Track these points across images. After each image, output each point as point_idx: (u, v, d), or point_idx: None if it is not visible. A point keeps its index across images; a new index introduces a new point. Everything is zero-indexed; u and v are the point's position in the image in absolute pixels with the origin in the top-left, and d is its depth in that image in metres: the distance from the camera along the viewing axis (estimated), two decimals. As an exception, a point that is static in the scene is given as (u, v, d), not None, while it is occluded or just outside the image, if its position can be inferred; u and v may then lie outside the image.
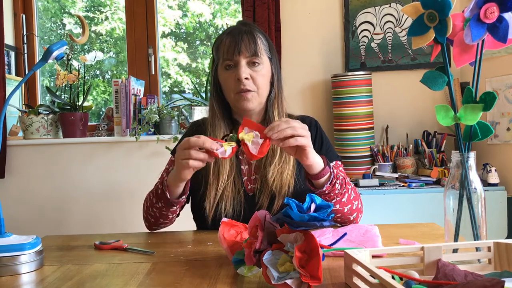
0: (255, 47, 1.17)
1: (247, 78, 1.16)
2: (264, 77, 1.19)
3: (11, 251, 0.86)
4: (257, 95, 1.18)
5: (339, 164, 1.26)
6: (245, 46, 1.16)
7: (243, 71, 1.15)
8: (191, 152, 0.96)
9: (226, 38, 1.19)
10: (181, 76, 2.87)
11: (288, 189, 1.15)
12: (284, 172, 1.16)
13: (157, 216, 1.17)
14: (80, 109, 2.41)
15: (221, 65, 1.20)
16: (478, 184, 0.80)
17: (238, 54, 1.16)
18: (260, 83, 1.18)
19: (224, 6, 2.84)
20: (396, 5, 2.44)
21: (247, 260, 0.75)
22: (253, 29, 1.21)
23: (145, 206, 1.20)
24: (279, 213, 0.72)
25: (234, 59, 1.16)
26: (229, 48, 1.17)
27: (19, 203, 2.36)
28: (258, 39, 1.19)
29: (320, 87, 2.50)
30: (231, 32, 1.19)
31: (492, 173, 2.03)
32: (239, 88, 1.16)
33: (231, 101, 1.21)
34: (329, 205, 0.72)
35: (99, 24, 2.83)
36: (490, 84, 2.17)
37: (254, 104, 1.19)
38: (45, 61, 0.93)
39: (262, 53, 1.18)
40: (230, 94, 1.19)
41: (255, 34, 1.19)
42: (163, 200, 1.12)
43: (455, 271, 0.66)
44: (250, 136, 0.94)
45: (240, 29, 1.19)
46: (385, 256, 0.83)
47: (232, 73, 1.17)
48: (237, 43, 1.16)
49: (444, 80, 0.81)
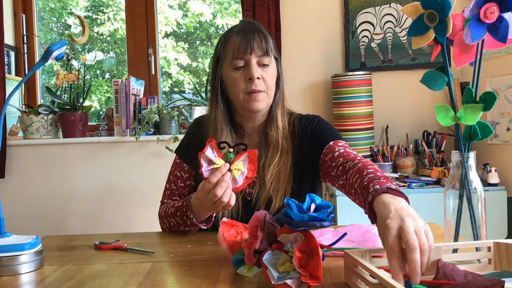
0: (266, 45, 1.14)
1: (258, 78, 1.13)
2: (272, 77, 1.17)
3: (11, 251, 0.86)
4: (266, 96, 1.16)
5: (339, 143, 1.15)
6: (257, 44, 1.13)
7: (255, 70, 1.12)
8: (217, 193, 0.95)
9: (237, 37, 1.15)
10: (182, 75, 2.87)
11: (284, 193, 1.14)
12: (281, 174, 1.15)
13: (184, 230, 1.16)
14: (80, 109, 2.41)
15: (229, 64, 1.16)
16: (478, 184, 0.80)
17: (250, 53, 1.12)
18: (270, 84, 1.16)
19: (224, 6, 2.85)
20: (396, 5, 2.44)
21: (247, 260, 0.75)
22: (261, 27, 1.18)
23: (166, 225, 1.18)
24: (279, 213, 0.72)
25: (246, 58, 1.13)
26: (240, 47, 1.13)
27: (19, 203, 2.36)
28: (269, 37, 1.17)
29: (320, 87, 2.50)
30: (241, 31, 1.15)
31: (492, 173, 2.03)
32: (251, 88, 1.13)
33: (239, 102, 1.16)
34: (329, 205, 0.72)
35: (102, 25, 2.83)
36: (490, 84, 2.17)
37: (263, 105, 1.16)
38: (45, 61, 0.93)
39: (272, 52, 1.17)
40: (238, 95, 1.15)
41: (265, 33, 1.17)
42: (193, 227, 1.12)
43: (455, 271, 0.66)
44: (241, 167, 0.94)
45: (250, 28, 1.16)
46: (385, 256, 0.83)
47: (242, 73, 1.14)
48: (249, 41, 1.13)
49: (444, 80, 0.81)
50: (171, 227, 1.17)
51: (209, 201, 0.97)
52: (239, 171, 0.94)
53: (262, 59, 1.14)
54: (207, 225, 1.12)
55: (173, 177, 1.26)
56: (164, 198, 1.26)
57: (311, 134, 1.21)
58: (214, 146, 0.94)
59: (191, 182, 1.25)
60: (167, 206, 1.19)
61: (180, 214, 1.11)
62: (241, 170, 0.95)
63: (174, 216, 1.14)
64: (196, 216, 1.08)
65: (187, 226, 1.12)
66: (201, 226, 1.11)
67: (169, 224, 1.17)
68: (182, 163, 1.26)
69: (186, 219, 1.10)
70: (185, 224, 1.12)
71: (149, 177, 2.34)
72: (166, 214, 1.17)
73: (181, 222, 1.12)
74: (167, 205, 1.20)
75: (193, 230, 1.14)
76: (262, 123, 1.23)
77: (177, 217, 1.12)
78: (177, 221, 1.13)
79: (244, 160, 0.95)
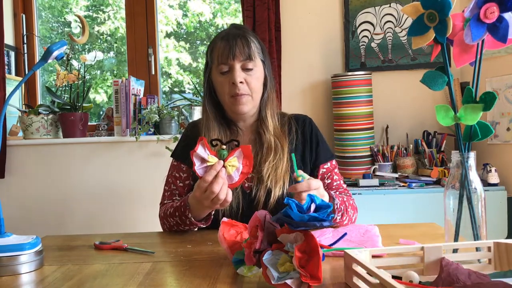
0: (249, 50, 1.18)
1: (241, 82, 1.18)
2: (258, 80, 1.21)
3: (11, 251, 0.86)
4: (251, 99, 1.20)
5: (334, 164, 1.29)
6: (239, 50, 1.17)
7: (238, 75, 1.17)
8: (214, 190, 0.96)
9: (220, 43, 1.20)
10: (182, 75, 2.87)
11: (283, 184, 1.17)
12: (278, 168, 1.18)
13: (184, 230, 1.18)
14: (80, 109, 2.41)
15: (216, 68, 1.21)
16: (478, 184, 0.80)
17: (233, 59, 1.17)
18: (254, 87, 1.20)
19: (224, 6, 2.85)
20: (396, 5, 2.44)
21: (247, 260, 0.75)
22: (246, 32, 1.22)
23: (167, 226, 1.20)
24: (279, 213, 0.72)
25: (229, 63, 1.18)
26: (223, 53, 1.18)
27: (19, 203, 2.36)
28: (252, 43, 1.20)
29: (320, 87, 2.50)
30: (225, 37, 1.20)
31: (492, 173, 2.03)
32: (234, 92, 1.18)
33: (226, 104, 1.22)
34: (329, 205, 0.72)
35: (103, 24, 2.82)
36: (490, 84, 2.17)
37: (248, 107, 1.21)
38: (45, 61, 0.93)
39: (255, 57, 1.20)
40: (224, 97, 1.21)
41: (248, 38, 1.20)
42: (192, 226, 1.14)
43: (459, 270, 0.65)
44: (235, 163, 0.95)
45: (234, 33, 1.20)
46: (385, 256, 0.83)
47: (226, 77, 1.19)
48: (232, 47, 1.17)
49: (444, 80, 0.81)
50: (171, 226, 1.18)
51: (206, 199, 0.98)
52: (233, 167, 0.95)
53: (245, 63, 1.19)
54: (206, 223, 1.14)
55: (172, 178, 1.28)
56: (164, 200, 1.28)
57: (310, 138, 1.28)
58: (205, 144, 0.95)
59: (190, 181, 1.27)
60: (166, 207, 1.20)
61: (179, 214, 1.12)
62: (236, 166, 0.95)
63: (173, 216, 1.15)
64: (195, 215, 1.10)
65: (186, 225, 1.13)
66: (200, 225, 1.12)
67: (169, 224, 1.18)
68: (179, 164, 1.28)
69: (185, 218, 1.11)
70: (185, 224, 1.13)
71: (149, 177, 2.34)
72: (165, 215, 1.19)
73: (180, 222, 1.13)
74: (166, 206, 1.21)
75: (192, 229, 1.16)
76: (253, 123, 1.28)
77: (176, 217, 1.14)
78: (176, 221, 1.14)
79: (238, 156, 0.96)
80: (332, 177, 1.27)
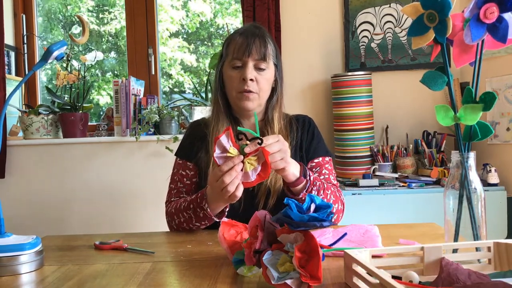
0: (265, 51, 1.20)
1: (251, 80, 1.19)
2: (267, 81, 1.23)
3: (11, 251, 0.86)
4: (257, 97, 1.22)
5: (326, 160, 1.29)
6: (255, 49, 1.19)
7: (250, 72, 1.19)
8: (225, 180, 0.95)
9: (239, 38, 1.22)
10: (182, 76, 2.87)
11: (283, 184, 1.16)
12: None
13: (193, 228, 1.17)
14: (80, 109, 2.41)
15: (229, 62, 1.23)
16: (478, 184, 0.80)
17: (248, 56, 1.19)
18: (263, 86, 1.22)
19: (225, 6, 2.85)
20: (396, 5, 2.44)
21: (247, 260, 0.75)
22: (265, 33, 1.25)
23: (175, 222, 1.19)
24: (279, 213, 0.72)
25: (243, 59, 1.20)
26: (240, 48, 1.20)
27: (19, 203, 2.36)
28: (269, 44, 1.23)
29: (320, 87, 2.50)
30: (244, 33, 1.22)
31: (492, 173, 2.03)
32: (243, 88, 1.20)
33: (232, 99, 1.24)
34: (328, 205, 0.72)
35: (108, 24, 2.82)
36: (490, 84, 2.17)
37: (254, 104, 1.22)
38: (45, 61, 0.93)
39: (269, 58, 1.22)
40: (232, 92, 1.23)
41: (266, 39, 1.23)
42: (204, 221, 1.13)
43: (459, 270, 0.65)
44: (254, 162, 0.93)
45: (253, 32, 1.22)
46: (385, 256, 0.83)
47: (238, 73, 1.21)
48: (249, 45, 1.19)
49: (444, 80, 0.81)
50: (180, 223, 1.17)
51: (217, 188, 0.96)
52: (252, 166, 0.93)
53: (259, 63, 1.21)
54: (220, 218, 1.12)
55: (178, 176, 1.28)
56: (171, 197, 1.28)
57: (307, 134, 1.30)
58: (230, 134, 0.93)
59: (197, 179, 1.27)
60: (177, 202, 1.20)
61: (194, 206, 1.11)
62: (254, 166, 0.93)
63: (186, 210, 1.14)
64: (211, 208, 1.09)
65: (198, 220, 1.12)
66: (214, 219, 1.11)
67: (179, 220, 1.17)
68: (185, 163, 1.29)
69: (200, 210, 1.10)
70: (197, 218, 1.12)
71: (149, 177, 2.34)
72: (176, 210, 1.18)
73: (194, 216, 1.12)
74: (176, 202, 1.21)
75: (203, 226, 1.15)
76: (259, 123, 1.28)
77: (189, 210, 1.13)
78: (189, 215, 1.13)
79: (260, 157, 0.94)
80: (321, 171, 1.26)
